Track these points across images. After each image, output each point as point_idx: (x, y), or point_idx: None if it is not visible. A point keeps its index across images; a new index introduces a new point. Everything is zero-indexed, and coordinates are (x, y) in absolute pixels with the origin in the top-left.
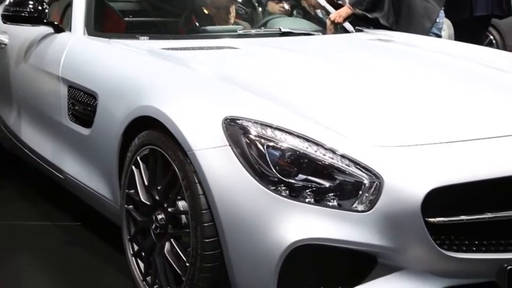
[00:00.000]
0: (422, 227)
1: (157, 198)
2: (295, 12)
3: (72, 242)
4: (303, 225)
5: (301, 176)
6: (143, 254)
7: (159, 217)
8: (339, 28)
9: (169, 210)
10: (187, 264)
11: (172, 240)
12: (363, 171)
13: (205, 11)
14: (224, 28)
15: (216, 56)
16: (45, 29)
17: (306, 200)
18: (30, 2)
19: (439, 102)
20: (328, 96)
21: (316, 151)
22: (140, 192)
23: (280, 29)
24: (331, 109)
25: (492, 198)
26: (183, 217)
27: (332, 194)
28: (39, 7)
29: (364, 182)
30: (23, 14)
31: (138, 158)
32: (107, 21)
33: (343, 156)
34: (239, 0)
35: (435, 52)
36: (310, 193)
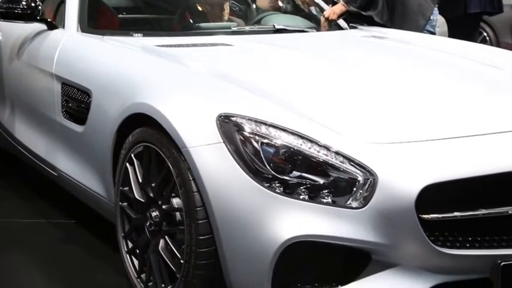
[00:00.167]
0: (416, 223)
1: (151, 195)
2: (284, 5)
3: (66, 239)
4: (297, 222)
5: (295, 173)
6: (137, 251)
7: (154, 214)
8: (333, 25)
9: (164, 207)
10: (181, 261)
11: (166, 237)
12: (357, 168)
13: (199, 8)
14: (218, 25)
15: (210, 53)
16: (39, 25)
17: (300, 197)
18: None
19: (433, 99)
20: (322, 93)
21: (310, 148)
22: (134, 189)
23: (274, 25)
24: (326, 106)
25: (486, 194)
26: (178, 214)
27: (326, 190)
28: (32, 4)
29: (358, 178)
30: (16, 11)
31: (132, 155)
32: (101, 18)
33: (338, 153)
34: None
35: (429, 49)
36: (305, 190)
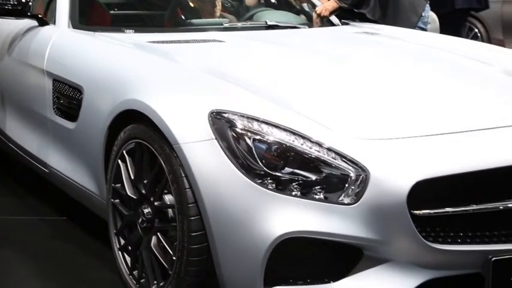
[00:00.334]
0: (408, 219)
1: (143, 192)
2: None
3: (58, 236)
4: (290, 218)
5: (287, 169)
6: (130, 248)
7: (146, 211)
8: (325, 21)
9: (156, 204)
10: (174, 258)
11: (159, 234)
12: (349, 164)
13: (191, 4)
14: (210, 21)
15: (202, 50)
16: (29, 22)
17: (293, 193)
18: None
19: (425, 95)
20: (314, 89)
21: (302, 144)
22: (126, 186)
23: (266, 22)
24: (318, 102)
25: (477, 190)
26: (170, 211)
27: (318, 187)
28: (23, 0)
29: (350, 174)
30: (7, 7)
31: (124, 152)
32: (92, 14)
33: (330, 149)
34: None
35: (421, 45)
36: (297, 186)
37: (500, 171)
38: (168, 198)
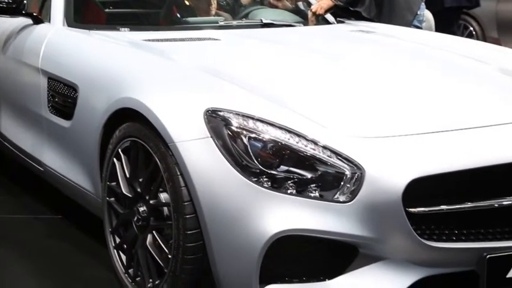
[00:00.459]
0: (403, 217)
1: (139, 190)
2: None
3: (53, 235)
4: (285, 217)
5: (283, 168)
6: (125, 246)
7: (141, 209)
8: (320, 19)
9: (151, 202)
10: (169, 256)
11: (154, 232)
12: (344, 162)
13: (187, 2)
14: (205, 19)
15: (197, 48)
16: (24, 20)
17: (288, 191)
18: None
19: (420, 93)
20: (309, 87)
21: (298, 142)
22: (122, 184)
23: (261, 20)
24: (313, 100)
25: (472, 188)
26: (165, 209)
27: (314, 185)
28: None
29: (345, 172)
30: (1, 5)
31: (120, 150)
32: (87, 12)
33: (325, 147)
34: None
35: (417, 43)
36: (292, 184)
37: (496, 169)
38: (163, 196)
